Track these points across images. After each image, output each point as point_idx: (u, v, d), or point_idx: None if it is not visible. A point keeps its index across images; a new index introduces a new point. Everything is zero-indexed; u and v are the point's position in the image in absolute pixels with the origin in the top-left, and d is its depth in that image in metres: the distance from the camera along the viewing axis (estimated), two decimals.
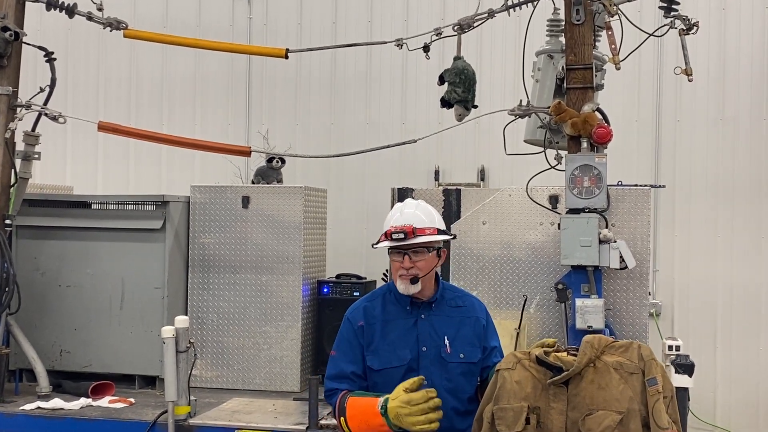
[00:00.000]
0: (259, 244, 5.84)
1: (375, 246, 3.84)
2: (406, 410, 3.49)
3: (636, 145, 7.33)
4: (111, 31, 5.81)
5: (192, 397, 4.91)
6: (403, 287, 3.73)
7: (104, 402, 5.30)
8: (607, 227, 5.01)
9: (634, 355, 3.37)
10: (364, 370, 3.81)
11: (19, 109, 5.59)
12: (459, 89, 5.32)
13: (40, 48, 5.76)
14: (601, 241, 4.90)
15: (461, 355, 3.75)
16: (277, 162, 6.22)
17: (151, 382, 5.78)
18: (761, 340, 7.14)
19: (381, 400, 3.58)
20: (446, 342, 3.74)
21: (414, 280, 3.71)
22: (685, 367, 4.95)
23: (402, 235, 3.69)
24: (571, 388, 3.34)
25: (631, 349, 3.40)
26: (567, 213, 5.03)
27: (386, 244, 3.74)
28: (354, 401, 3.68)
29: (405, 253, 3.73)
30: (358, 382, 3.81)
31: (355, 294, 5.97)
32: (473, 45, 7.14)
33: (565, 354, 3.44)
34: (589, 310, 4.88)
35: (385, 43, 5.77)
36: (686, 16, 5.15)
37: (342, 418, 3.70)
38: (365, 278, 6.24)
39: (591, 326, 4.83)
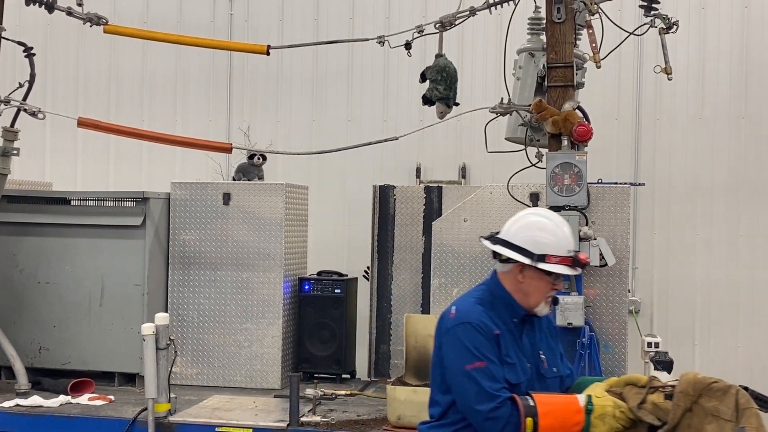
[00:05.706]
0: (240, 241, 5.82)
1: (545, 267, 3.35)
2: (617, 412, 3.24)
3: (616, 143, 7.35)
4: (91, 26, 5.80)
5: (172, 395, 4.90)
6: (547, 309, 3.45)
7: (84, 399, 5.28)
8: (587, 225, 5.04)
9: (732, 402, 3.27)
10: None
11: None
12: (440, 87, 5.33)
13: (19, 43, 5.72)
14: (581, 239, 4.93)
15: (554, 369, 3.53)
16: (259, 159, 6.21)
17: (131, 379, 5.76)
18: (739, 337, 7.19)
19: (583, 397, 3.27)
20: (542, 357, 3.49)
21: (555, 301, 3.52)
22: (664, 363, 4.99)
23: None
24: None
25: (729, 395, 3.28)
26: None
27: (569, 271, 3.36)
28: (544, 398, 3.27)
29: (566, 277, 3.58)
30: (512, 390, 3.35)
31: (336, 291, 5.97)
32: (455, 43, 7.14)
33: (661, 397, 3.33)
34: (569, 307, 4.90)
35: (367, 40, 5.78)
36: (666, 15, 5.18)
37: (528, 419, 3.18)
38: (346, 275, 6.24)
39: (571, 323, 4.86)
